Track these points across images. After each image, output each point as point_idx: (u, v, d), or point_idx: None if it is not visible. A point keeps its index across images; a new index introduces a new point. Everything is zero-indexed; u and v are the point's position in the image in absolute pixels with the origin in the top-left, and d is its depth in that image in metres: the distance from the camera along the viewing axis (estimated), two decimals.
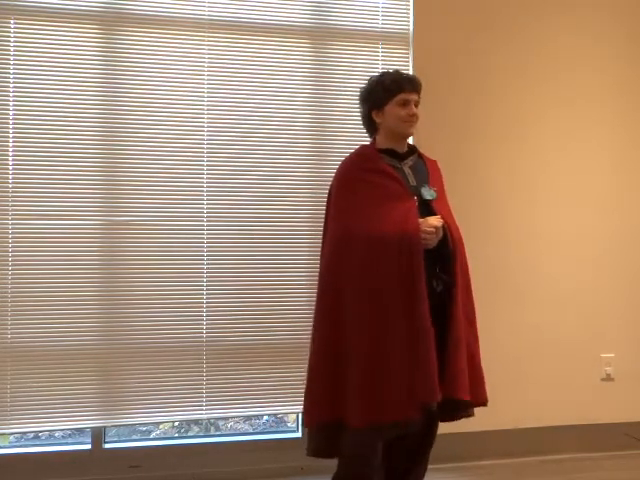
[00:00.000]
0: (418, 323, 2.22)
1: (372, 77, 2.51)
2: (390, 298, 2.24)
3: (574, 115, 3.44)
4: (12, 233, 2.83)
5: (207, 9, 3.03)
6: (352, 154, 2.52)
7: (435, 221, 2.31)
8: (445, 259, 2.36)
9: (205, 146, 3.03)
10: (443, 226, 2.34)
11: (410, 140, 2.62)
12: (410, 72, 3.21)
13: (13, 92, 2.84)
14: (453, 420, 2.43)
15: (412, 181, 2.41)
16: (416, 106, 2.44)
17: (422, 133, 2.81)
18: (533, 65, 3.39)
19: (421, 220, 2.30)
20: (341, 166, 2.51)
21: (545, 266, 3.37)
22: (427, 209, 2.37)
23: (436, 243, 2.31)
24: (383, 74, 2.49)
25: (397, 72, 2.48)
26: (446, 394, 2.27)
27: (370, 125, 2.52)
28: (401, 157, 2.46)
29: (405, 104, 2.40)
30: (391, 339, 2.23)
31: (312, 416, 2.36)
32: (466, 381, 2.30)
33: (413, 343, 2.22)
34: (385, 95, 2.41)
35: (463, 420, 2.45)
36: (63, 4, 2.88)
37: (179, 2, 3.00)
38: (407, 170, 2.43)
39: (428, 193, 2.39)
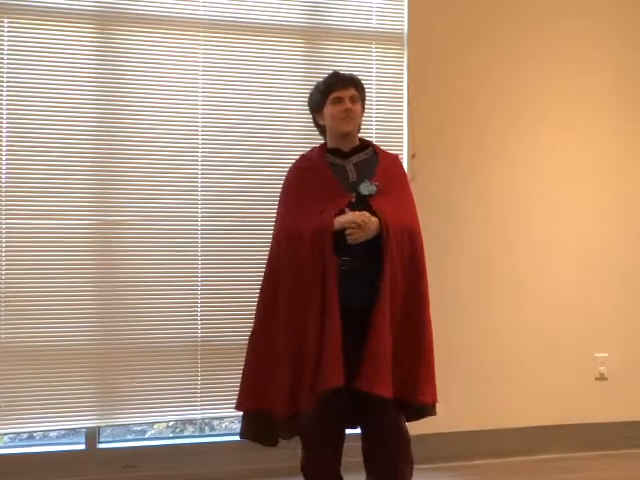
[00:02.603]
0: (326, 316, 2.25)
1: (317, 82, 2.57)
2: (304, 291, 2.31)
3: (575, 115, 3.45)
4: (5, 232, 2.82)
5: (203, 9, 3.03)
6: (300, 155, 2.60)
7: (352, 216, 2.29)
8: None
9: (200, 145, 3.02)
10: (382, 222, 2.31)
11: (402, 141, 2.61)
12: (404, 72, 3.22)
13: (7, 91, 2.83)
14: (411, 420, 2.44)
15: (352, 177, 2.42)
16: (354, 101, 2.45)
17: (417, 133, 2.81)
18: (530, 64, 3.39)
19: (343, 215, 2.31)
20: (290, 168, 2.58)
21: (539, 267, 3.37)
22: (368, 205, 2.36)
23: (364, 239, 2.29)
24: (323, 79, 2.53)
25: (332, 73, 2.53)
26: (358, 388, 2.25)
27: (318, 128, 2.59)
28: (346, 155, 2.48)
29: (338, 102, 2.44)
30: (299, 334, 2.31)
31: (241, 403, 2.50)
32: (388, 377, 2.26)
33: (320, 334, 2.26)
34: (321, 98, 2.48)
35: (458, 420, 2.45)
36: (57, 3, 2.87)
37: (175, 1, 2.99)
38: (350, 167, 2.45)
39: (366, 189, 2.37)
